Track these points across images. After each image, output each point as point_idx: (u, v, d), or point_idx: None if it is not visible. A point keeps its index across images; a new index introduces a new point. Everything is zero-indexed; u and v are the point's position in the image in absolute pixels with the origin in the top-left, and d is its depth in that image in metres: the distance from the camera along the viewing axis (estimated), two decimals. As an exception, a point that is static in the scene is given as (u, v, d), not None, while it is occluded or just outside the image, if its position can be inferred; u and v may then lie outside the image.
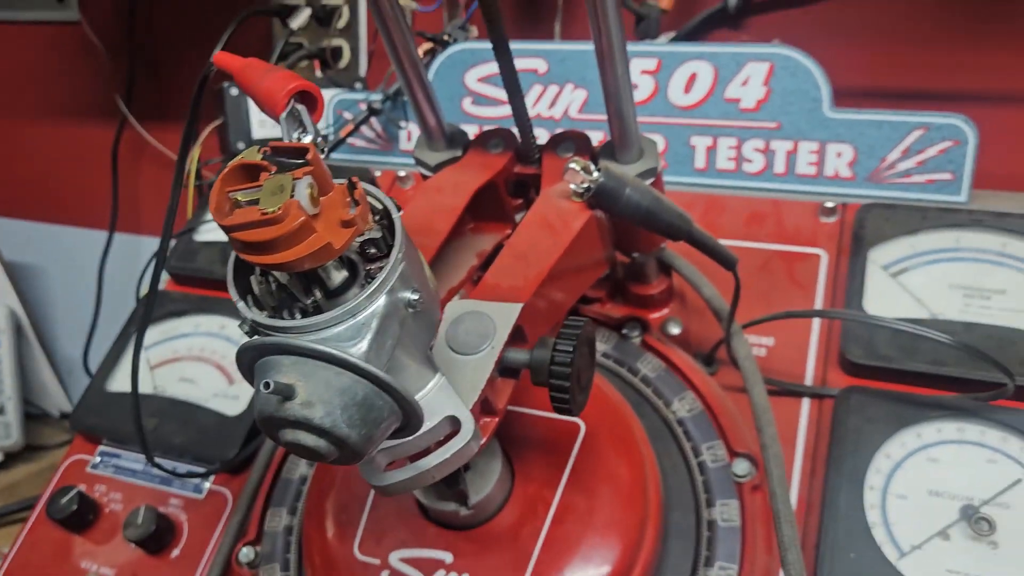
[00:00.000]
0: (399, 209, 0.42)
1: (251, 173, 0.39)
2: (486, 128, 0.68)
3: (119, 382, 0.84)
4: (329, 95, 0.98)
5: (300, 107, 0.47)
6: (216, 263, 0.89)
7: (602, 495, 0.59)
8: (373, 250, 0.42)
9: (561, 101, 0.89)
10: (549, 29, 1.04)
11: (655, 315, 0.75)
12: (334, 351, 0.35)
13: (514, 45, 0.88)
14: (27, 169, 1.39)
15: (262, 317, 0.38)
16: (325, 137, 0.46)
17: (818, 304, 0.74)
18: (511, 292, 0.53)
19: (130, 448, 0.81)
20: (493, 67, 0.90)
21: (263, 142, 0.90)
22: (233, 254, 0.41)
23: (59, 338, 1.50)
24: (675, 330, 0.74)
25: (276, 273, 0.41)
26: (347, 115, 0.97)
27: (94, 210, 1.31)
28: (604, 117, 0.87)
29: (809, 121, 0.80)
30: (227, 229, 0.37)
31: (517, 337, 0.52)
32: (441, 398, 0.44)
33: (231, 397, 0.79)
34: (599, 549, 0.57)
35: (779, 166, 0.82)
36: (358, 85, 1.02)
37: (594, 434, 0.62)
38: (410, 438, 0.41)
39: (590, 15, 0.54)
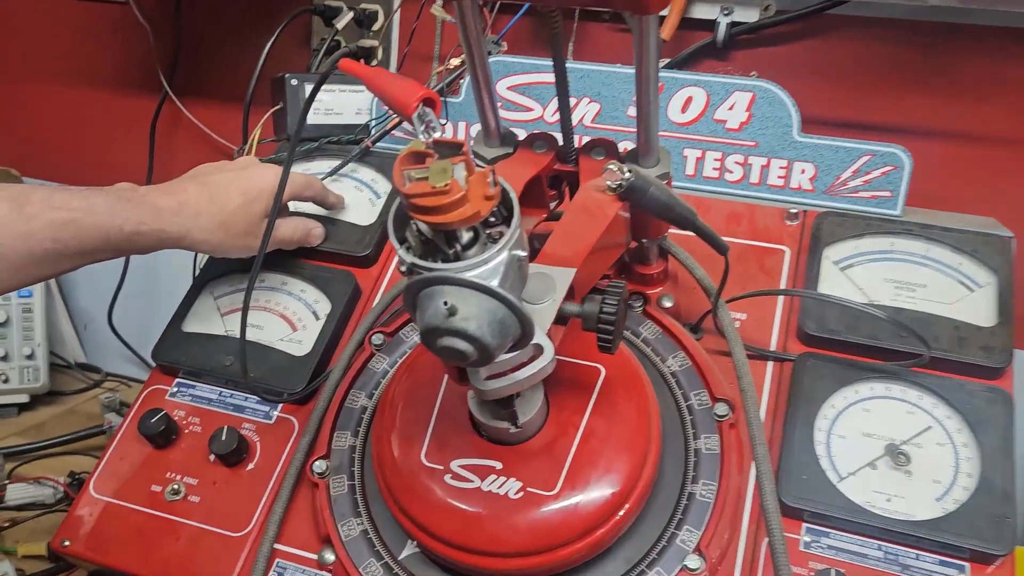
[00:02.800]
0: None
1: (418, 158, 0.55)
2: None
3: (193, 324, 0.98)
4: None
5: (427, 109, 0.64)
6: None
7: (618, 422, 0.76)
8: (492, 219, 0.58)
9: (577, 112, 1.06)
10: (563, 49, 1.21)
11: (652, 291, 0.92)
12: (487, 284, 0.51)
13: (542, 62, 1.05)
14: (65, 134, 1.50)
15: (422, 261, 0.55)
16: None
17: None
18: (565, 260, 0.70)
19: (204, 380, 0.95)
20: (522, 79, 1.07)
21: (318, 127, 1.09)
22: (392, 213, 0.57)
23: (76, 292, 1.61)
24: (668, 303, 0.92)
25: (423, 229, 0.57)
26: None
27: (128, 176, 1.43)
28: (613, 127, 1.05)
29: (781, 142, 0.99)
30: (406, 195, 0.53)
31: (569, 295, 0.69)
32: (528, 330, 0.61)
33: (295, 342, 0.95)
34: (616, 462, 0.74)
35: (754, 177, 1.01)
36: (397, 83, 1.17)
37: (612, 377, 0.79)
38: (514, 354, 0.58)
39: (636, 51, 0.70)
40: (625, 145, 0.81)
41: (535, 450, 0.75)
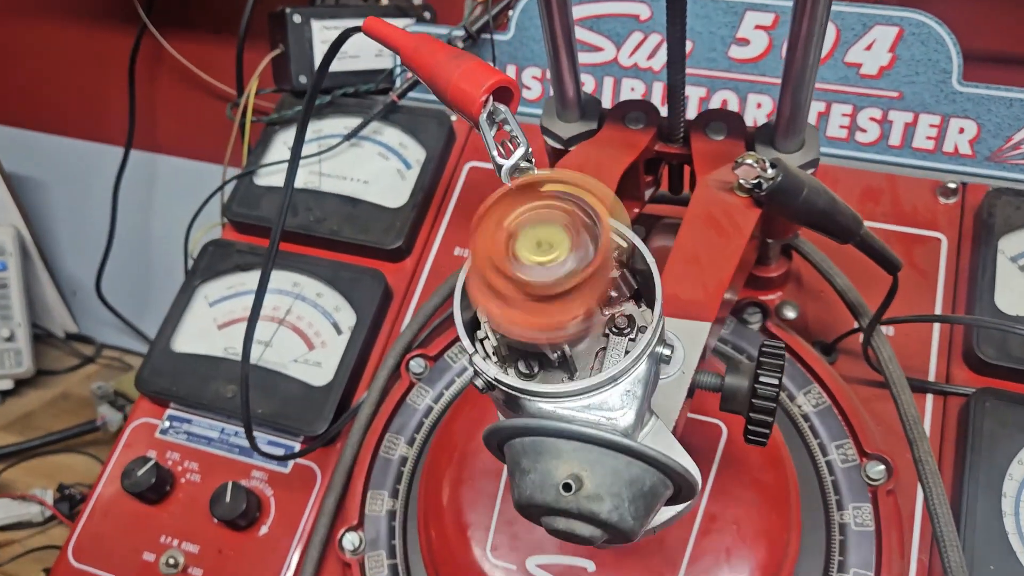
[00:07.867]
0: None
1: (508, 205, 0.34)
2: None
3: (185, 341, 0.78)
4: (401, 25, 0.89)
5: (501, 106, 0.42)
6: (282, 212, 0.82)
7: (748, 502, 0.57)
8: (614, 293, 0.37)
9: (661, 53, 0.82)
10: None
11: (770, 298, 0.72)
12: (637, 445, 0.31)
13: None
14: (32, 74, 1.27)
15: (512, 378, 0.34)
16: (531, 160, 0.40)
17: (940, 294, 0.71)
18: (692, 307, 0.49)
19: (202, 414, 0.76)
20: (587, 9, 0.83)
21: (329, 75, 0.81)
22: (458, 288, 0.36)
23: (61, 256, 1.41)
24: (791, 314, 0.71)
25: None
26: (417, 50, 0.89)
27: (110, 125, 1.21)
28: (709, 72, 0.82)
29: (934, 93, 0.75)
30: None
31: (701, 358, 0.48)
32: (658, 446, 0.41)
33: (313, 364, 0.75)
34: (749, 560, 0.55)
35: (895, 138, 0.78)
36: (427, 15, 0.94)
37: (736, 437, 0.59)
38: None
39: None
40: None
41: (639, 544, 0.56)
